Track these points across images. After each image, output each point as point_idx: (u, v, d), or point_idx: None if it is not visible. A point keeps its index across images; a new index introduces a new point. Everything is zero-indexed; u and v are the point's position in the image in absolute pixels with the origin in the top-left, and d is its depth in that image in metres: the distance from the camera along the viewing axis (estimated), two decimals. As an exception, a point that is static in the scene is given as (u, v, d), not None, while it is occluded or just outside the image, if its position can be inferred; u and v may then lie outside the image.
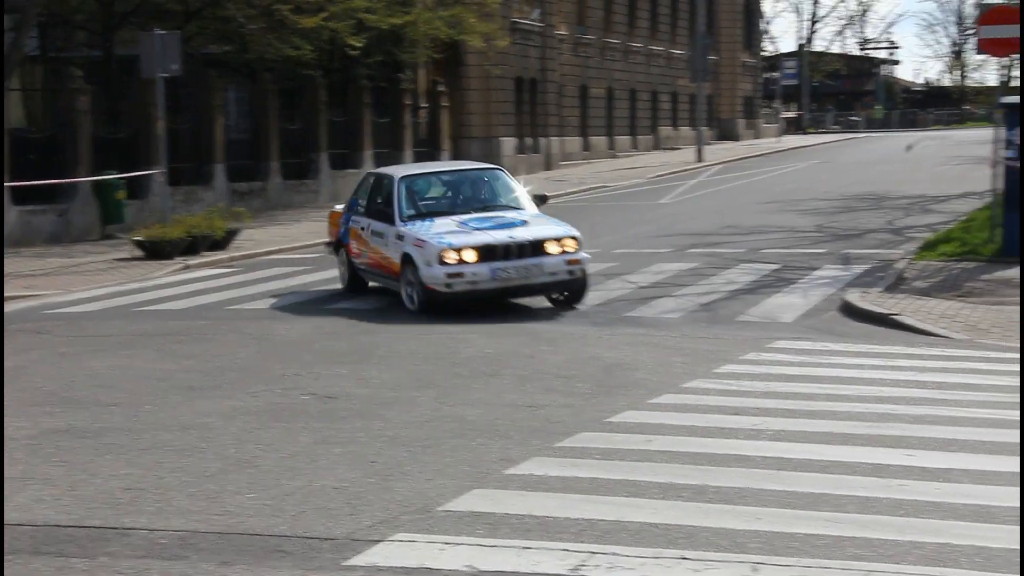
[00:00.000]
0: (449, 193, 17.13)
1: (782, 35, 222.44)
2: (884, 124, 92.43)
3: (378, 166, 38.34)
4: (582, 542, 6.71)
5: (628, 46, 59.42)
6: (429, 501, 7.52)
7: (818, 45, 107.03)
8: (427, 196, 16.95)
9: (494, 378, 11.51)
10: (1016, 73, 24.62)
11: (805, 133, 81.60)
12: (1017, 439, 8.81)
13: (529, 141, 46.98)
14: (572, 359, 12.43)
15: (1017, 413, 9.70)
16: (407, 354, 12.86)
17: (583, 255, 15.86)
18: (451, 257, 15.15)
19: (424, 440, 9.09)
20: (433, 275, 15.17)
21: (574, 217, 29.34)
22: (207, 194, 30.18)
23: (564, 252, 15.58)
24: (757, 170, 45.08)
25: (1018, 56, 23.57)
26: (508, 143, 44.98)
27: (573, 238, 15.78)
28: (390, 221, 16.33)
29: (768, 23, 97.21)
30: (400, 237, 15.92)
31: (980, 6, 22.88)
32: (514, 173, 44.56)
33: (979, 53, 23.76)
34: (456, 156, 43.04)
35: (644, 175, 43.57)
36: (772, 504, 7.35)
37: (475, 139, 44.22)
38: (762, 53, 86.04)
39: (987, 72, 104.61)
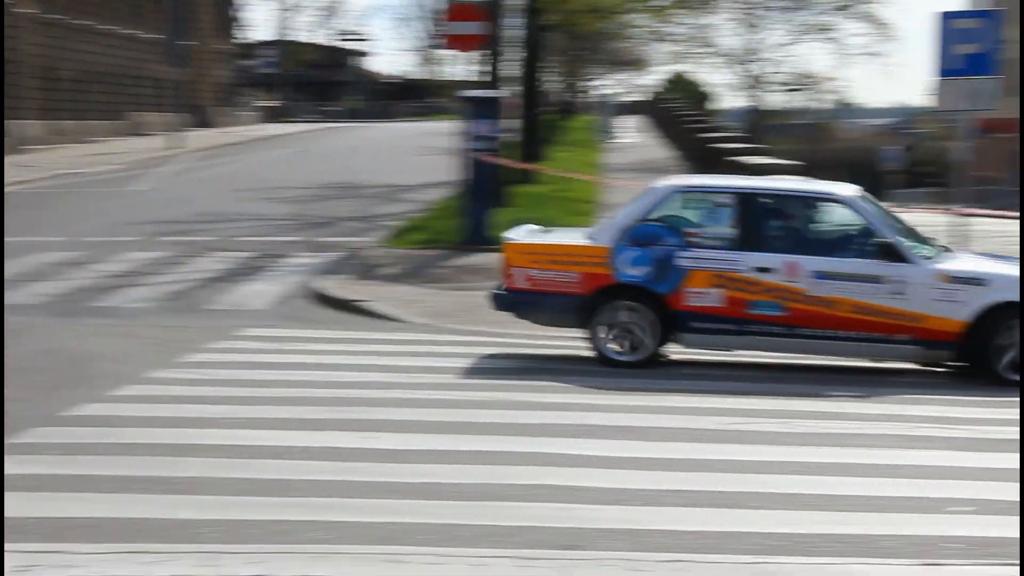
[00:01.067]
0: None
1: (260, 23, 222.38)
2: (360, 115, 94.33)
3: None
4: (33, 541, 6.44)
5: (100, 28, 57.67)
6: None
7: (296, 34, 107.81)
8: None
9: (-56, 373, 10.87)
10: (488, 68, 25.64)
11: (283, 122, 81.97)
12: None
13: (-7, 123, 44.65)
14: (33, 352, 11.92)
15: (458, 393, 10.19)
16: None
17: None
18: None
19: None
20: None
21: (43, 205, 28.28)
22: None
23: None
24: (234, 158, 44.93)
25: (484, 51, 24.65)
26: (-31, 125, 42.59)
27: None
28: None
29: (241, 9, 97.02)
30: None
31: (448, 2, 23.79)
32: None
33: (447, 48, 24.67)
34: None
35: (118, 161, 42.42)
36: (232, 492, 7.33)
37: (-69, 121, 41.61)
38: (239, 40, 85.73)
39: (455, 66, 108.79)
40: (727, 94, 72.95)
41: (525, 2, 30.57)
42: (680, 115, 46.85)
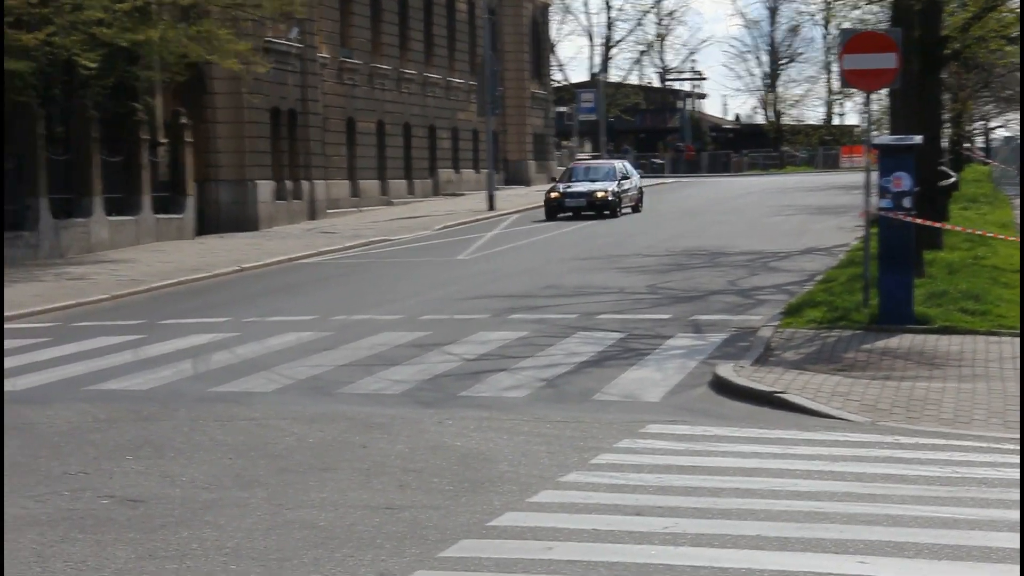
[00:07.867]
0: None
1: (571, 63, 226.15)
2: (692, 168, 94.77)
3: (110, 214, 37.33)
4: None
5: (400, 72, 59.66)
6: (307, 630, 7.29)
7: (613, 75, 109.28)
8: None
9: (330, 473, 11.29)
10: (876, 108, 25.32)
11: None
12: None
13: (289, 185, 46.62)
14: (415, 448, 12.29)
15: (964, 509, 9.94)
16: (212, 445, 12.52)
17: None
18: None
19: (275, 553, 8.82)
20: None
21: (361, 277, 29.36)
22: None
23: None
24: (560, 220, 45.67)
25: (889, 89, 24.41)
26: (265, 187, 44.54)
27: None
28: None
29: (555, 48, 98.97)
30: None
31: (843, 31, 23.62)
32: (272, 223, 44.28)
33: (845, 85, 24.57)
34: (203, 202, 42.47)
35: (430, 226, 43.72)
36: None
37: (224, 182, 43.71)
38: (553, 84, 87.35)
39: (810, 110, 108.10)
40: None
41: (919, 31, 30.11)
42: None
